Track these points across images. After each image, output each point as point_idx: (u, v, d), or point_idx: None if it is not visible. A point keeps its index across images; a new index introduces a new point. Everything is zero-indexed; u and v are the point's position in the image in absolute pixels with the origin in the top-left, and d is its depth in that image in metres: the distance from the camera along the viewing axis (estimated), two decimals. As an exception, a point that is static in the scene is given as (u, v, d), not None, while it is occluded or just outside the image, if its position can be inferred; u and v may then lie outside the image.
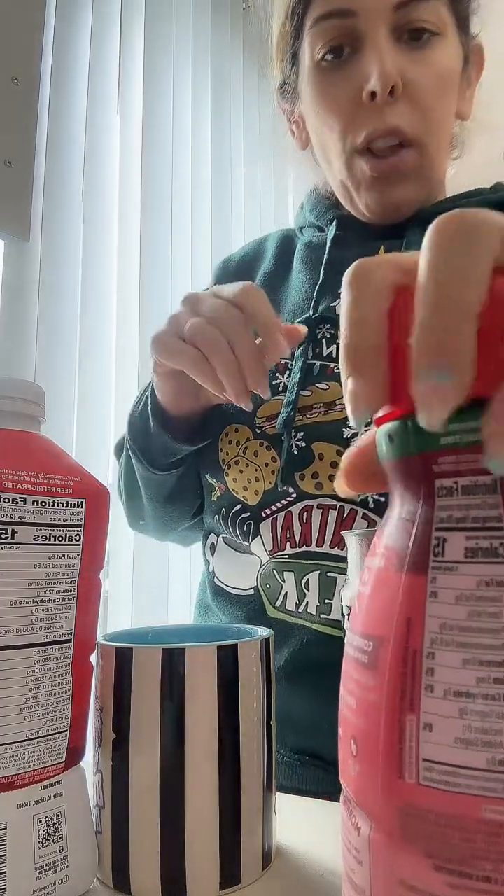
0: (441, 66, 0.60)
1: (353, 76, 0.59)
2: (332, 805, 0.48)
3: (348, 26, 0.59)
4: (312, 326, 0.61)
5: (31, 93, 0.99)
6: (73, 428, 1.02)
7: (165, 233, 1.30)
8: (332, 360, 0.60)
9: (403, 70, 0.58)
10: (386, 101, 0.57)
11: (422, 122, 0.60)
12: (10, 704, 0.33)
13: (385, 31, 0.58)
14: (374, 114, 0.58)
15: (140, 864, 0.35)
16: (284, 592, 0.61)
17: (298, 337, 0.50)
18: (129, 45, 1.28)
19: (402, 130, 0.59)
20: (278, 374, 0.62)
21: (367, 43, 0.58)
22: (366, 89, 0.57)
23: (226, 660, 0.37)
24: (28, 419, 0.37)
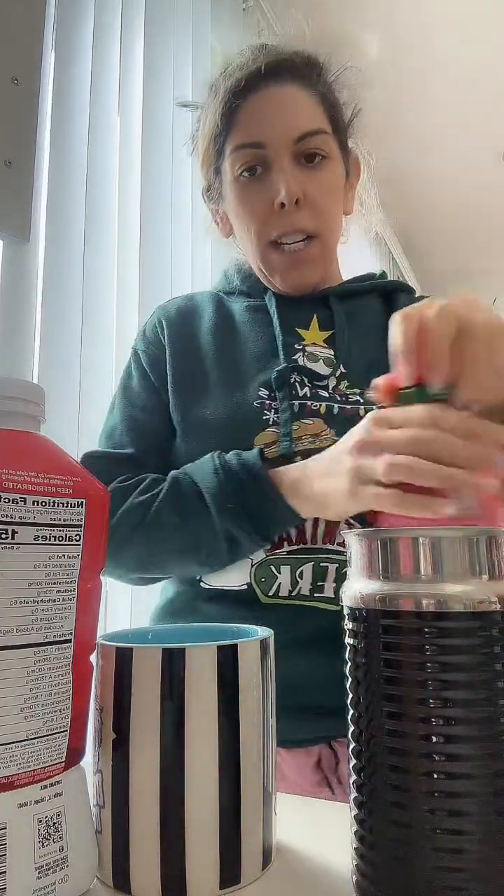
0: (330, 180, 0.79)
1: (265, 190, 0.76)
2: (333, 805, 0.48)
3: (259, 154, 0.76)
4: (288, 374, 0.74)
5: (31, 93, 0.99)
6: (74, 428, 1.02)
7: (165, 232, 1.30)
8: (307, 399, 0.73)
9: (303, 185, 0.75)
10: (292, 209, 0.75)
11: (319, 221, 0.77)
12: (10, 704, 0.33)
13: (287, 156, 0.75)
14: (283, 218, 0.76)
15: (140, 863, 0.35)
16: (278, 583, 0.69)
17: None
18: (129, 45, 1.28)
19: (306, 229, 0.77)
20: (265, 412, 0.73)
21: (274, 166, 0.75)
22: (276, 200, 0.74)
23: (226, 660, 0.37)
24: (28, 419, 0.37)
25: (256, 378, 0.75)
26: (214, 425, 0.73)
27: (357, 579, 0.36)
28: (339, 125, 0.81)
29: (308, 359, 0.77)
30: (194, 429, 0.75)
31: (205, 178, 0.86)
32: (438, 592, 0.32)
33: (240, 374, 0.77)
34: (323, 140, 0.77)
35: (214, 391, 0.76)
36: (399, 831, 0.31)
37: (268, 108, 0.76)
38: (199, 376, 0.78)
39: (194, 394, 0.77)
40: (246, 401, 0.74)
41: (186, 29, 1.47)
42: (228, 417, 0.73)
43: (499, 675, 0.31)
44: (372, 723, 0.33)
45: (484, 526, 0.46)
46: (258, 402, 0.73)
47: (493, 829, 0.30)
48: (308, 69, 0.79)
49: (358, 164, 0.87)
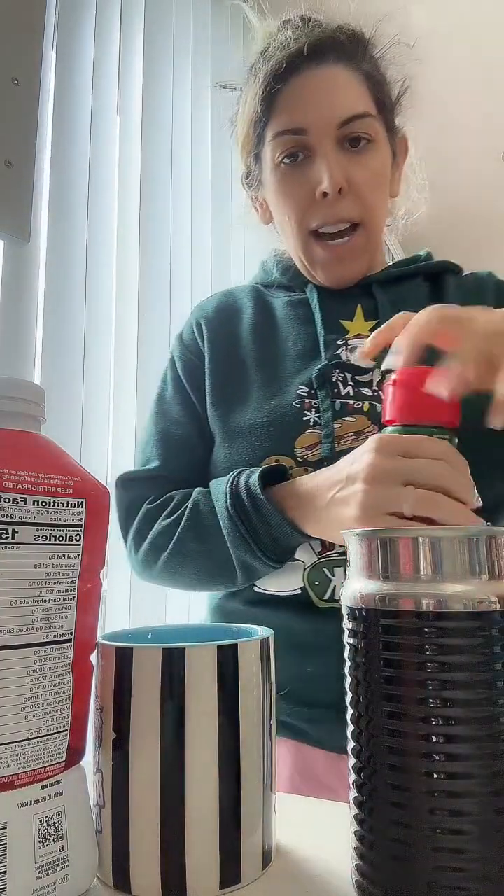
0: (376, 165, 0.75)
1: (307, 178, 0.73)
2: (333, 805, 0.48)
3: (301, 140, 0.73)
4: (330, 371, 0.72)
5: (31, 93, 0.99)
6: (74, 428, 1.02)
7: (165, 231, 1.30)
8: (349, 398, 0.71)
9: (347, 172, 0.72)
10: (335, 198, 0.71)
11: (364, 209, 0.74)
12: (11, 704, 0.33)
13: (331, 142, 0.72)
14: (325, 207, 0.73)
15: (140, 863, 0.35)
16: (333, 586, 0.67)
17: None
18: (129, 45, 1.28)
19: (350, 217, 0.73)
20: (306, 412, 0.71)
21: (317, 152, 0.72)
22: (319, 189, 0.71)
23: (226, 660, 0.37)
24: (28, 419, 0.37)
25: (297, 378, 0.74)
26: (255, 430, 0.72)
27: (357, 579, 0.36)
28: (386, 105, 0.77)
29: (351, 353, 0.74)
30: (234, 435, 0.73)
31: (244, 164, 0.83)
32: (438, 592, 0.32)
33: (280, 376, 0.75)
34: (368, 123, 0.73)
35: (254, 395, 0.75)
36: (399, 831, 0.31)
37: (310, 91, 0.72)
38: (239, 381, 0.77)
39: (234, 400, 0.76)
40: (286, 402, 0.72)
41: (186, 29, 1.47)
42: (268, 421, 0.72)
43: (499, 675, 0.31)
44: (372, 723, 0.33)
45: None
46: (298, 402, 0.72)
47: (493, 829, 0.30)
48: (353, 46, 0.75)
49: (405, 143, 0.83)
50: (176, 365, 0.83)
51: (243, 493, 0.65)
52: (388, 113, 0.78)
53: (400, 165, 0.82)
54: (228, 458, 0.73)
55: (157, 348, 1.23)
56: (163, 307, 1.27)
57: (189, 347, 0.83)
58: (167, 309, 1.28)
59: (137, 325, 1.19)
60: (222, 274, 1.50)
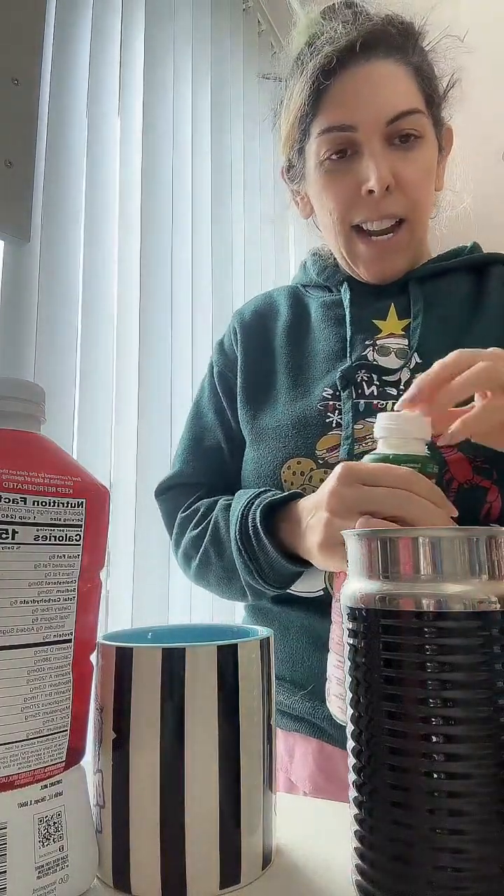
0: (424, 161, 0.74)
1: (353, 174, 0.72)
2: (333, 805, 0.48)
3: (349, 137, 0.71)
4: (353, 372, 0.72)
5: (31, 93, 0.99)
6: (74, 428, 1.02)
7: (165, 231, 1.30)
8: (374, 398, 0.70)
9: (395, 168, 0.71)
10: (381, 195, 0.70)
11: (411, 206, 0.73)
12: (11, 704, 0.33)
13: (379, 139, 0.71)
14: (371, 204, 0.72)
15: (140, 863, 0.35)
16: None
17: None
18: (129, 46, 1.28)
19: (396, 214, 0.73)
20: (329, 414, 0.71)
21: (364, 149, 0.71)
22: (365, 187, 0.70)
23: (226, 660, 0.37)
24: (28, 419, 0.37)
25: (324, 380, 0.74)
26: (279, 432, 0.73)
27: (357, 579, 0.36)
28: (434, 100, 0.76)
29: (378, 353, 0.73)
30: (261, 437, 0.74)
31: (286, 157, 0.81)
32: (438, 592, 0.32)
33: (308, 378, 0.75)
34: (417, 119, 0.71)
35: (282, 398, 0.76)
36: (399, 831, 0.31)
37: (359, 87, 0.70)
38: (269, 384, 0.78)
39: (263, 403, 0.77)
40: (310, 404, 0.72)
41: (186, 29, 1.47)
42: (292, 423, 0.72)
43: (499, 675, 0.31)
44: (372, 723, 0.33)
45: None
46: (322, 403, 0.72)
47: (493, 829, 0.30)
48: (403, 39, 0.73)
49: (451, 136, 0.81)
50: (213, 372, 0.84)
51: (249, 522, 0.66)
52: (436, 108, 0.76)
53: (445, 158, 0.81)
54: (256, 460, 0.74)
55: (158, 347, 1.23)
56: (164, 307, 1.26)
57: (226, 353, 0.84)
58: (168, 309, 1.28)
59: (138, 323, 1.19)
60: (223, 273, 1.50)
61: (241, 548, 0.66)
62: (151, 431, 1.17)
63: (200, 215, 1.45)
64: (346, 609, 0.36)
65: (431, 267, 0.78)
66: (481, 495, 0.64)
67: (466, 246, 0.82)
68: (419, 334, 0.73)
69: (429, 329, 0.73)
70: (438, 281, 0.78)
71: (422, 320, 0.74)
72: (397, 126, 0.70)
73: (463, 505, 0.55)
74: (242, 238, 1.63)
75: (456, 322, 0.73)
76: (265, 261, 1.75)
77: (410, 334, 0.73)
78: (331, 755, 0.67)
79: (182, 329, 1.32)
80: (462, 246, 0.82)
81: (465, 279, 0.78)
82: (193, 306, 1.38)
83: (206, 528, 0.74)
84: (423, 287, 0.77)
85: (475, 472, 0.64)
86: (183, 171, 1.39)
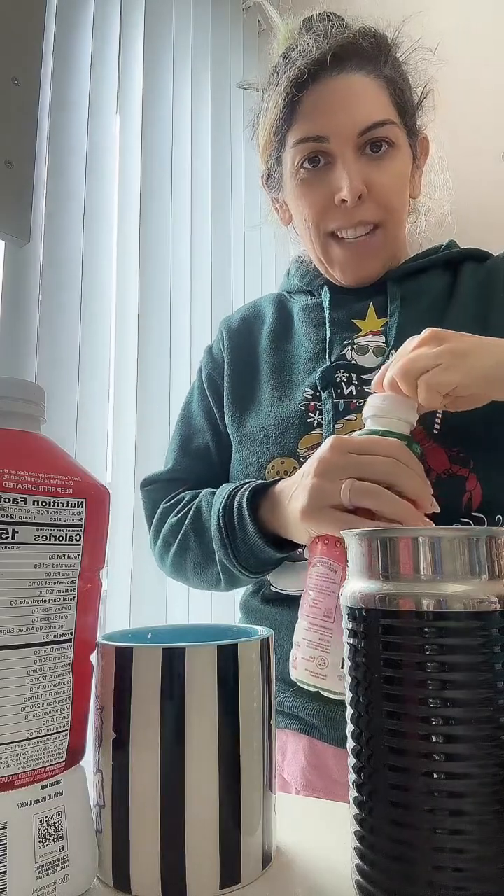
0: (397, 168, 0.75)
1: (327, 183, 0.73)
2: (332, 805, 0.48)
3: (322, 147, 0.73)
4: (333, 373, 0.74)
5: (32, 93, 0.99)
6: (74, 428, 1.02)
7: (165, 231, 1.30)
8: (353, 397, 0.72)
9: (367, 176, 0.72)
10: (354, 204, 0.72)
11: (384, 212, 0.74)
12: (11, 704, 0.33)
13: (351, 149, 0.72)
14: (344, 212, 0.73)
15: (140, 863, 0.35)
16: None
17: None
18: (129, 46, 1.28)
19: (369, 221, 0.74)
20: (310, 414, 0.73)
21: (337, 159, 0.73)
22: (338, 196, 0.72)
23: (226, 660, 0.37)
24: (28, 419, 0.37)
25: (305, 381, 0.76)
26: (263, 434, 0.74)
27: (357, 579, 0.36)
28: (407, 110, 0.78)
29: (357, 352, 0.75)
30: (246, 440, 0.76)
31: (264, 166, 0.84)
32: (438, 592, 0.32)
33: (290, 380, 0.77)
34: (389, 130, 0.73)
35: (265, 400, 0.77)
36: (399, 831, 0.31)
37: (331, 99, 0.73)
38: (254, 388, 0.80)
39: (248, 406, 0.79)
40: (293, 405, 0.74)
41: (186, 29, 1.47)
42: (275, 424, 0.74)
43: (499, 675, 0.31)
44: (372, 723, 0.33)
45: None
46: (304, 404, 0.73)
47: (493, 829, 0.30)
48: (375, 52, 0.75)
49: (426, 144, 0.83)
50: (201, 376, 0.87)
51: (235, 502, 0.67)
52: (408, 117, 0.78)
53: (421, 166, 0.83)
54: (240, 462, 0.76)
55: (156, 347, 1.23)
56: (163, 307, 1.26)
57: (214, 358, 0.87)
58: (167, 308, 1.28)
59: (137, 324, 1.19)
60: (223, 273, 1.50)
61: (220, 525, 0.67)
62: (149, 432, 1.17)
63: (200, 215, 1.45)
64: (346, 609, 0.36)
65: (408, 266, 0.80)
66: (460, 484, 0.65)
67: (442, 244, 0.84)
68: (395, 331, 0.74)
69: (405, 325, 0.74)
70: (416, 279, 0.79)
71: (398, 317, 0.75)
72: (369, 136, 0.72)
73: (443, 495, 0.57)
74: (242, 238, 1.63)
75: (431, 317, 0.74)
76: (265, 261, 1.75)
77: (388, 331, 0.75)
78: (321, 752, 0.68)
79: (181, 330, 1.32)
80: (438, 244, 0.84)
81: (440, 276, 0.80)
82: (192, 307, 1.38)
83: (187, 513, 0.75)
84: (401, 285, 0.78)
85: (452, 462, 0.66)
86: (183, 170, 1.39)
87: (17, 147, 0.96)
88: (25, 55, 0.99)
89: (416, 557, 0.33)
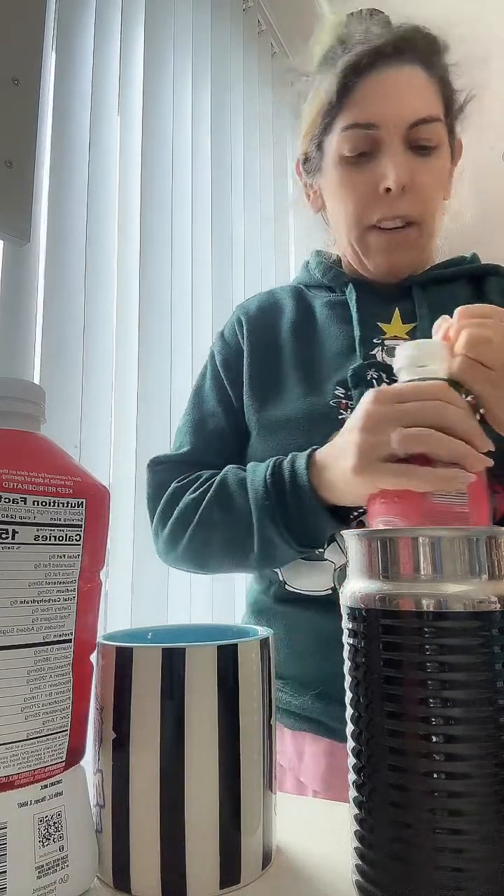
0: (438, 170, 0.77)
1: (372, 172, 0.75)
2: (332, 805, 0.48)
3: (371, 135, 0.74)
4: (364, 371, 0.73)
5: (32, 93, 0.99)
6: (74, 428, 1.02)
7: (165, 231, 1.30)
8: None
9: (412, 172, 0.74)
10: (397, 194, 0.73)
11: (422, 209, 0.76)
12: (11, 704, 0.33)
13: (399, 141, 0.74)
14: (386, 203, 0.75)
15: (140, 863, 0.36)
16: None
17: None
18: (129, 46, 1.28)
19: (408, 215, 0.75)
20: (342, 411, 0.72)
21: (384, 149, 0.74)
22: (382, 185, 0.73)
23: (226, 660, 0.37)
24: (28, 419, 0.37)
25: (333, 377, 0.75)
26: (291, 425, 0.73)
27: (357, 579, 0.36)
28: (452, 111, 0.80)
29: (387, 354, 0.75)
30: (271, 428, 0.75)
31: (303, 149, 0.84)
32: (438, 592, 0.32)
33: (317, 374, 0.77)
34: (435, 128, 0.75)
35: (291, 392, 0.77)
36: (399, 831, 0.31)
37: (386, 89, 0.74)
38: (277, 376, 0.79)
39: (270, 395, 0.78)
40: (322, 401, 0.73)
41: (186, 29, 1.47)
42: (304, 418, 0.73)
43: (499, 675, 0.31)
44: (372, 723, 0.33)
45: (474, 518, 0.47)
46: (335, 401, 0.73)
47: (493, 829, 0.30)
48: (430, 49, 0.77)
49: (461, 148, 0.85)
50: (215, 359, 0.85)
51: (286, 470, 0.65)
52: (452, 119, 0.80)
53: (454, 168, 0.85)
54: (264, 450, 0.74)
55: (157, 347, 1.23)
56: (163, 306, 1.26)
57: (229, 343, 0.85)
58: (168, 308, 1.28)
59: (138, 324, 1.19)
60: (223, 274, 1.50)
61: (268, 493, 0.65)
62: (151, 431, 1.17)
63: (200, 215, 1.45)
64: (346, 609, 0.36)
65: (433, 274, 0.81)
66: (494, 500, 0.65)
67: (466, 256, 0.86)
68: (423, 336, 0.74)
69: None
70: (440, 288, 0.80)
71: (429, 325, 0.75)
72: (417, 132, 0.73)
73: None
74: (242, 238, 1.63)
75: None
76: (265, 261, 1.75)
77: (417, 336, 0.75)
78: (341, 754, 0.68)
79: (182, 330, 1.32)
80: (462, 256, 0.86)
81: (464, 288, 0.81)
82: (193, 307, 1.38)
83: (210, 487, 0.72)
84: (427, 292, 0.79)
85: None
86: (183, 170, 1.39)
87: (17, 147, 0.96)
88: (25, 55, 0.99)
89: (416, 557, 0.33)
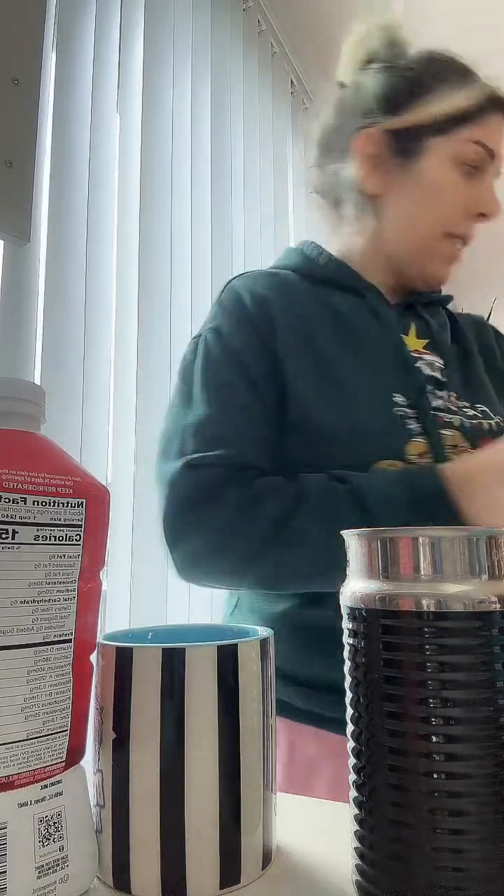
0: None
1: (477, 190, 0.79)
2: (333, 805, 0.48)
3: (488, 160, 0.78)
4: (424, 383, 0.77)
5: (32, 93, 0.99)
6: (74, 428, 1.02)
7: (165, 230, 1.30)
8: (440, 412, 0.76)
9: None
10: (483, 222, 0.80)
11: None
12: (11, 704, 0.33)
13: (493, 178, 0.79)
14: (475, 226, 0.81)
15: (140, 863, 0.35)
16: None
17: None
18: (129, 45, 1.28)
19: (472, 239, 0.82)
20: (407, 421, 0.73)
21: (488, 178, 0.79)
22: (483, 209, 0.80)
23: (226, 660, 0.37)
24: (28, 419, 0.37)
25: (392, 387, 0.75)
26: (356, 433, 0.71)
27: (357, 579, 0.36)
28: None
29: (428, 367, 0.78)
30: (327, 436, 0.71)
31: (403, 126, 0.80)
32: (438, 592, 0.32)
33: (375, 384, 0.75)
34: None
35: (347, 398, 0.73)
36: (399, 831, 0.31)
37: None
38: (327, 380, 0.73)
39: (322, 399, 0.72)
40: (387, 411, 0.73)
41: (186, 29, 1.47)
42: (373, 428, 0.72)
43: (499, 675, 0.31)
44: (372, 723, 0.33)
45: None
46: (399, 410, 0.74)
47: (493, 829, 0.30)
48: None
49: None
50: (239, 357, 0.74)
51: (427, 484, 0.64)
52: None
53: None
54: (309, 457, 0.70)
55: (157, 347, 1.23)
56: (163, 306, 1.26)
57: (253, 320, 0.75)
58: (167, 308, 1.28)
59: (138, 324, 1.19)
60: (223, 272, 1.50)
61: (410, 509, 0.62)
62: (150, 431, 1.17)
63: (200, 215, 1.45)
64: (346, 609, 0.36)
65: (428, 297, 0.87)
66: None
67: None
68: (443, 350, 0.81)
69: (447, 349, 0.83)
70: (434, 311, 0.87)
71: (442, 339, 0.83)
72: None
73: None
74: (242, 238, 1.63)
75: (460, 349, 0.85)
76: (265, 261, 1.75)
77: (440, 351, 0.81)
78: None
79: (181, 329, 1.32)
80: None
81: (440, 313, 0.89)
82: (193, 307, 1.38)
83: (300, 502, 0.65)
84: (432, 315, 0.86)
85: None
86: (183, 170, 1.39)
87: (17, 147, 0.96)
88: (25, 55, 0.99)
89: (416, 557, 0.33)
